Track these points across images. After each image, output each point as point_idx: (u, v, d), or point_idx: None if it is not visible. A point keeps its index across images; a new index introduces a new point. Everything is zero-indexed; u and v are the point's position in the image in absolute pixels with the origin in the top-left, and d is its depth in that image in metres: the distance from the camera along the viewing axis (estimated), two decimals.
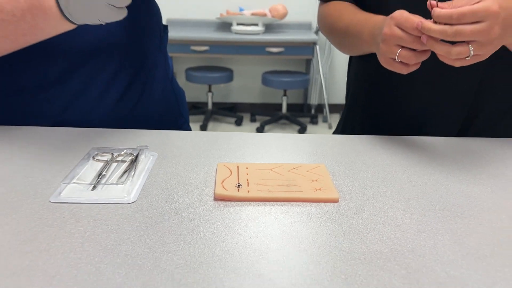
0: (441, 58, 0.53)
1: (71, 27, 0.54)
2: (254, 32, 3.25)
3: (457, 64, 0.52)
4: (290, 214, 0.44)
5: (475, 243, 0.40)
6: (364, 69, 0.76)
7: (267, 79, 3.34)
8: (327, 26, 0.76)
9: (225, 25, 3.44)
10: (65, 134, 0.62)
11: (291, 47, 3.24)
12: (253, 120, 3.63)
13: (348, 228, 0.42)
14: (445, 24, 0.50)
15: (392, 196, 0.48)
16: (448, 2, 0.51)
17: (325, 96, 3.53)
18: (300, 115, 3.66)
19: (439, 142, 0.64)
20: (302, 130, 3.37)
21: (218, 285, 0.33)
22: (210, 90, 3.52)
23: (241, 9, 3.40)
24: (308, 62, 3.56)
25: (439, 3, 0.51)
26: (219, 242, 0.39)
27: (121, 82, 0.70)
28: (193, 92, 3.65)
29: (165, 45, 0.80)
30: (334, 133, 0.84)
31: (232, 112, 3.69)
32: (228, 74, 3.38)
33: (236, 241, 0.39)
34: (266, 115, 3.59)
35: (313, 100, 3.72)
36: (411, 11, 0.54)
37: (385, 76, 0.61)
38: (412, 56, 0.54)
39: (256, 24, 3.28)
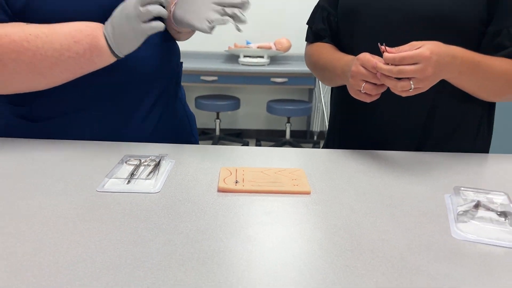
0: (392, 90, 0.69)
1: (115, 59, 0.72)
2: (260, 64, 3.47)
3: (403, 94, 0.68)
4: (273, 202, 0.59)
5: (406, 220, 0.55)
6: (340, 97, 0.93)
7: (271, 107, 3.54)
8: (311, 62, 0.94)
9: (233, 57, 3.67)
10: (104, 146, 0.79)
11: (294, 78, 3.44)
12: (258, 145, 3.79)
13: (315, 211, 0.57)
14: (392, 64, 0.66)
15: (351, 191, 0.64)
16: (396, 47, 0.68)
17: (326, 123, 3.70)
18: (303, 141, 3.82)
19: (398, 155, 0.80)
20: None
21: (220, 244, 0.49)
22: (218, 117, 3.72)
23: (248, 43, 3.64)
24: (311, 92, 3.76)
25: (389, 48, 0.68)
26: (221, 218, 0.55)
27: (145, 106, 0.87)
28: (202, 119, 3.85)
29: (181, 76, 0.98)
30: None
31: (238, 138, 3.87)
32: (235, 102, 3.59)
33: (232, 218, 0.55)
34: (271, 141, 3.76)
35: (315, 127, 3.90)
36: (374, 52, 0.71)
37: (355, 103, 0.77)
38: (373, 89, 0.71)
39: (262, 56, 3.50)
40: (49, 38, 0.70)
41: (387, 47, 0.67)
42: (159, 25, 0.70)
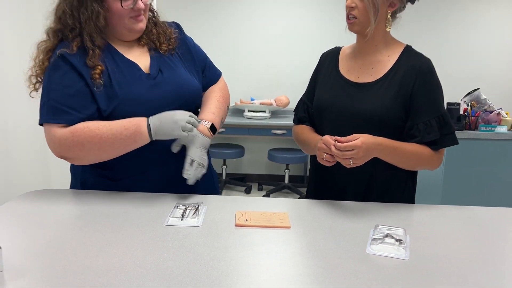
0: (340, 162, 1.13)
1: (150, 141, 1.14)
2: (262, 118, 3.97)
3: (348, 167, 1.12)
4: (267, 232, 1.02)
5: (345, 241, 0.98)
6: (314, 161, 1.38)
7: (272, 155, 3.99)
8: (296, 138, 1.40)
9: (239, 111, 4.17)
10: (161, 196, 1.22)
11: None
12: (260, 189, 4.21)
13: (292, 239, 1.00)
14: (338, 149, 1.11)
15: (316, 225, 1.06)
16: (344, 137, 1.12)
17: None
18: (300, 185, 4.24)
19: (350, 204, 1.23)
20: (302, 198, 3.93)
21: (238, 256, 0.92)
22: (224, 163, 4.17)
23: (252, 99, 4.16)
24: None
25: (339, 138, 1.12)
26: (237, 242, 0.97)
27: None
28: None
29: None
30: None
31: (242, 182, 4.29)
32: (240, 151, 4.05)
33: (241, 241, 0.97)
34: (271, 185, 4.18)
35: None
36: (333, 134, 1.15)
37: (322, 167, 1.21)
38: (330, 159, 1.15)
39: (264, 111, 4.00)
40: (110, 127, 1.12)
41: (337, 138, 1.12)
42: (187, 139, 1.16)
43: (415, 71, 1.22)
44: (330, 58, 1.38)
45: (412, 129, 1.23)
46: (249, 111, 4.02)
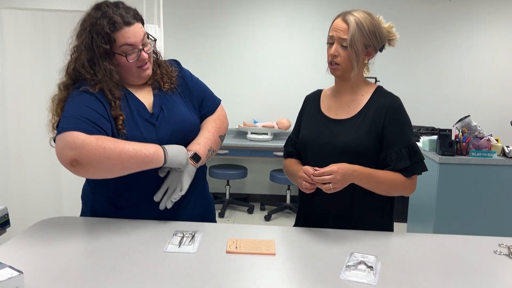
0: (321, 188, 1.26)
1: (161, 165, 1.28)
2: (264, 140, 4.11)
3: (328, 192, 1.25)
4: (255, 257, 1.15)
5: (321, 267, 1.10)
6: (300, 190, 1.51)
7: (274, 176, 4.12)
8: (285, 171, 1.53)
9: (242, 134, 4.33)
10: (162, 224, 1.36)
11: None
12: (262, 209, 4.33)
13: (276, 265, 1.12)
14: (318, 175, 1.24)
15: (299, 251, 1.19)
16: (322, 168, 1.25)
17: None
18: None
19: (331, 231, 1.36)
20: None
21: (228, 277, 1.05)
22: (228, 184, 4.30)
23: (255, 122, 4.32)
24: None
25: (317, 168, 1.25)
26: (228, 267, 1.10)
27: (186, 196, 1.43)
28: (214, 185, 4.44)
29: (206, 169, 1.55)
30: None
31: (245, 202, 4.42)
32: (243, 171, 4.18)
33: (232, 267, 1.10)
34: (273, 205, 4.30)
35: None
36: (315, 165, 1.28)
37: (307, 195, 1.34)
38: (309, 186, 1.28)
39: (266, 134, 4.15)
40: (131, 143, 1.22)
41: (316, 168, 1.26)
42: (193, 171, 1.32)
43: (385, 108, 1.38)
44: (312, 100, 1.55)
45: (386, 158, 1.37)
46: (252, 133, 4.16)
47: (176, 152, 1.30)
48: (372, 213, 1.42)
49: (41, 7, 4.17)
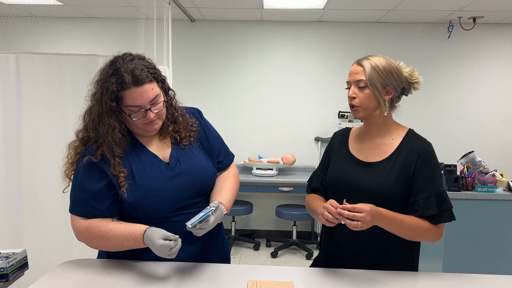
0: (348, 226, 1.27)
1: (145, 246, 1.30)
2: (269, 175, 4.14)
3: (354, 229, 1.26)
4: None
5: None
6: (324, 228, 1.53)
7: (280, 211, 4.12)
8: (307, 206, 1.55)
9: (247, 169, 4.36)
10: (175, 265, 1.37)
11: (299, 187, 4.07)
12: (268, 245, 4.30)
13: None
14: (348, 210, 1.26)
15: None
16: (351, 204, 1.27)
17: None
18: (308, 241, 4.32)
19: (355, 272, 1.37)
20: (309, 255, 3.99)
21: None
22: (233, 220, 4.29)
23: (260, 157, 4.36)
24: None
25: (347, 203, 1.27)
26: None
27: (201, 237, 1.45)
28: None
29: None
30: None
31: (251, 238, 4.38)
32: (248, 207, 4.18)
33: None
34: (280, 241, 4.27)
35: (319, 229, 4.42)
36: (340, 203, 1.30)
37: (332, 232, 1.36)
38: (332, 218, 1.28)
39: (271, 169, 4.19)
40: (114, 234, 1.28)
41: (346, 202, 1.28)
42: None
43: (416, 153, 1.39)
44: (340, 138, 1.57)
45: (414, 204, 1.38)
46: (257, 169, 4.20)
47: (154, 248, 1.26)
48: (395, 254, 1.42)
49: (56, 51, 4.32)
